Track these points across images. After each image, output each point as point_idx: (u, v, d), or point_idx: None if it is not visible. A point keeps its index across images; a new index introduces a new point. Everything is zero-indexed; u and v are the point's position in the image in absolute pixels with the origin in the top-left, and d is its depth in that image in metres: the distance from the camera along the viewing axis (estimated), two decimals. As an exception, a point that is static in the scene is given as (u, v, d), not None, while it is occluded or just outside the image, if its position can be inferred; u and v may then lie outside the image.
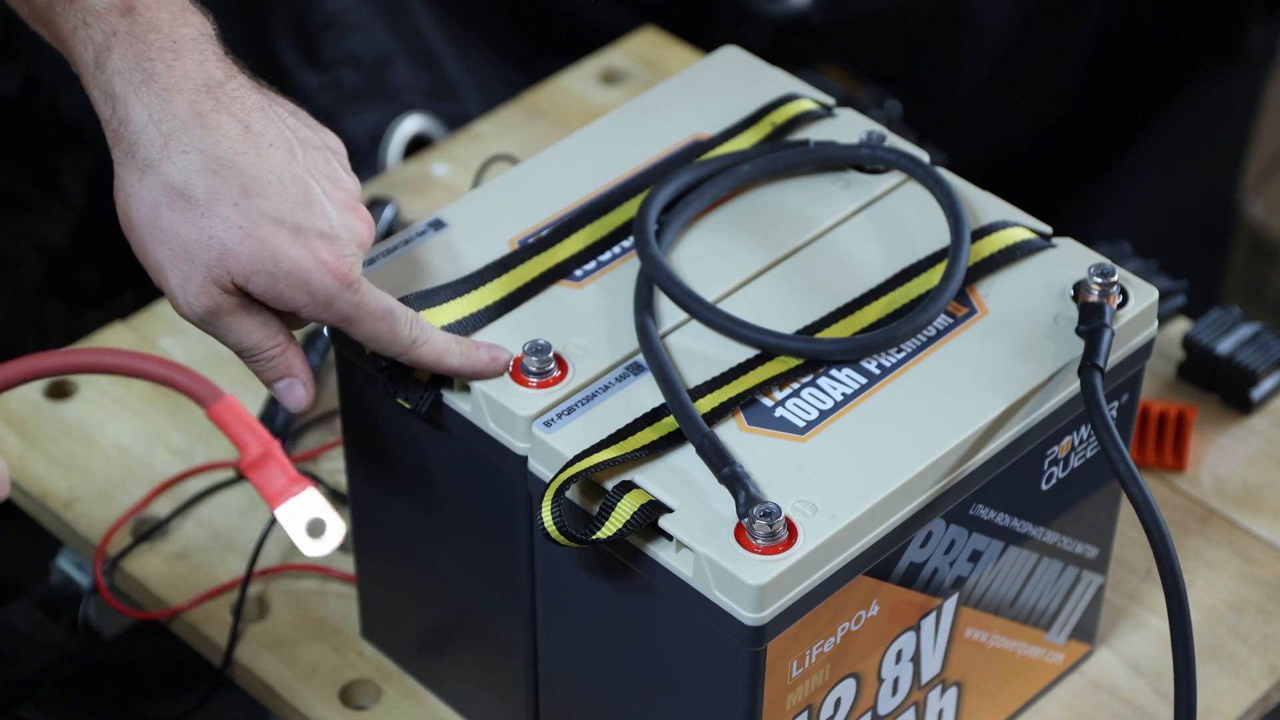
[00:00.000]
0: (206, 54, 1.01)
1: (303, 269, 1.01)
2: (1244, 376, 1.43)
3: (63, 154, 1.89)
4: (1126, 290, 1.14)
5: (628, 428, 1.06)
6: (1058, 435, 1.13)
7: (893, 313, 1.13)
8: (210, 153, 1.00)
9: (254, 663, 1.28)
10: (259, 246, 1.00)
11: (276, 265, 1.01)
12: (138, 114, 1.00)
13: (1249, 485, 1.39)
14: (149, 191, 1.00)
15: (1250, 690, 1.28)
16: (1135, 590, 1.33)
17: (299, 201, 1.01)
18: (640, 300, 1.12)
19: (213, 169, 1.00)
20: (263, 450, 1.00)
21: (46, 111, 1.86)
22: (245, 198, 1.00)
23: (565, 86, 1.68)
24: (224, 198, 1.00)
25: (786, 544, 1.01)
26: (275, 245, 1.00)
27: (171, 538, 1.35)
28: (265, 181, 1.00)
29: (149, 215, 1.00)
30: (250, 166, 1.00)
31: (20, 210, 1.88)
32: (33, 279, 1.88)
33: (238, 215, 1.00)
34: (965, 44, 2.15)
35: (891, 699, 1.14)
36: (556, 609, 1.13)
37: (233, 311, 1.03)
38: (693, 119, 1.24)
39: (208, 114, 1.00)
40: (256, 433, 1.01)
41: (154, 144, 1.00)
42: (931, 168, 1.19)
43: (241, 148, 1.00)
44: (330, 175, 1.04)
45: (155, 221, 1.00)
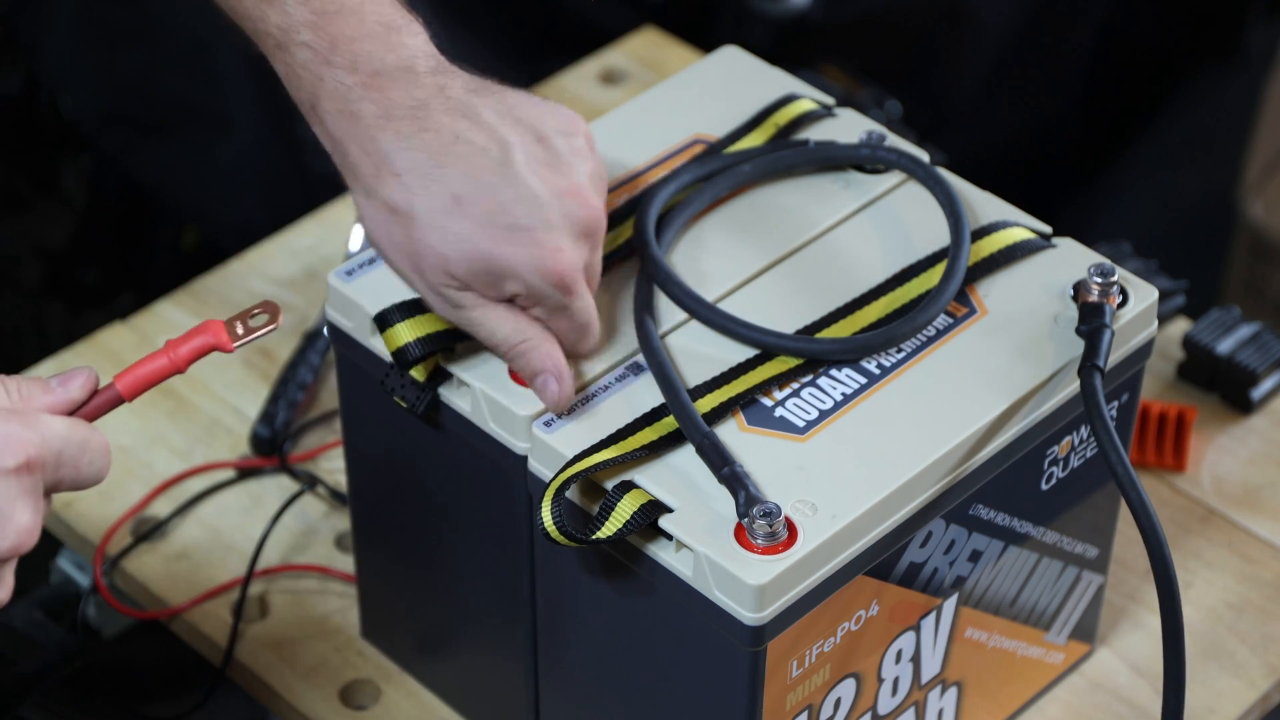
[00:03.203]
0: (410, 80, 1.06)
1: (515, 266, 1.04)
2: (1244, 376, 1.43)
3: (63, 154, 1.90)
4: (1126, 290, 1.14)
5: (628, 428, 1.06)
6: (1058, 435, 1.13)
7: (893, 313, 1.13)
8: (418, 169, 1.04)
9: (254, 663, 1.28)
10: (473, 250, 1.04)
11: (490, 265, 1.04)
12: (352, 150, 1.06)
13: (1249, 485, 1.39)
14: (375, 212, 1.06)
15: (1250, 690, 1.28)
16: (1135, 590, 1.33)
17: (509, 201, 1.04)
18: (640, 300, 1.12)
19: (424, 184, 1.04)
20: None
21: (46, 111, 1.86)
22: (456, 206, 1.04)
23: (565, 86, 1.68)
24: (436, 210, 1.04)
25: (786, 544, 1.01)
26: (487, 248, 1.04)
27: (171, 538, 1.35)
28: (474, 187, 1.04)
29: (382, 233, 1.06)
30: (458, 176, 1.04)
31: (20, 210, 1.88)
32: (33, 279, 1.88)
33: (451, 223, 1.04)
34: (965, 44, 2.15)
35: (891, 699, 1.14)
36: (556, 609, 1.13)
37: (475, 306, 1.06)
38: (693, 119, 1.24)
39: (412, 135, 1.05)
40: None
41: (369, 172, 1.05)
42: (931, 168, 1.19)
43: (449, 160, 1.04)
44: (548, 163, 1.06)
45: (389, 237, 1.06)
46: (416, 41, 1.07)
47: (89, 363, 1.45)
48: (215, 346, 1.00)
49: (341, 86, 1.05)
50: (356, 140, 1.05)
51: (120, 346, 1.47)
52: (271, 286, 1.51)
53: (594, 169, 1.08)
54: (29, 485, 0.92)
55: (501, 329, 1.07)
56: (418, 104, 1.05)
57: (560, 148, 1.07)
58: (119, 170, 1.88)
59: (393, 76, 1.06)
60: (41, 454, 0.92)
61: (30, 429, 0.92)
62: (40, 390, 0.95)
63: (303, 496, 1.37)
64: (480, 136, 1.05)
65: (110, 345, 1.47)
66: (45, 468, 0.92)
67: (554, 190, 1.05)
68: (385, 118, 1.05)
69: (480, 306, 1.06)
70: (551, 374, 1.07)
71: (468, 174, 1.04)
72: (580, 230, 1.06)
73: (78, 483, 0.94)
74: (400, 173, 1.05)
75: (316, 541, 1.35)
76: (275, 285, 1.51)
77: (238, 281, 1.52)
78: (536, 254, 1.04)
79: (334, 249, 1.53)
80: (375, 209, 1.06)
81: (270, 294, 1.50)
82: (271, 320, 1.01)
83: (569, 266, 1.05)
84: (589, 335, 1.09)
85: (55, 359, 1.46)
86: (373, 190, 1.06)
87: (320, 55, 1.06)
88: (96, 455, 0.95)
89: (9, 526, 0.91)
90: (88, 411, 0.97)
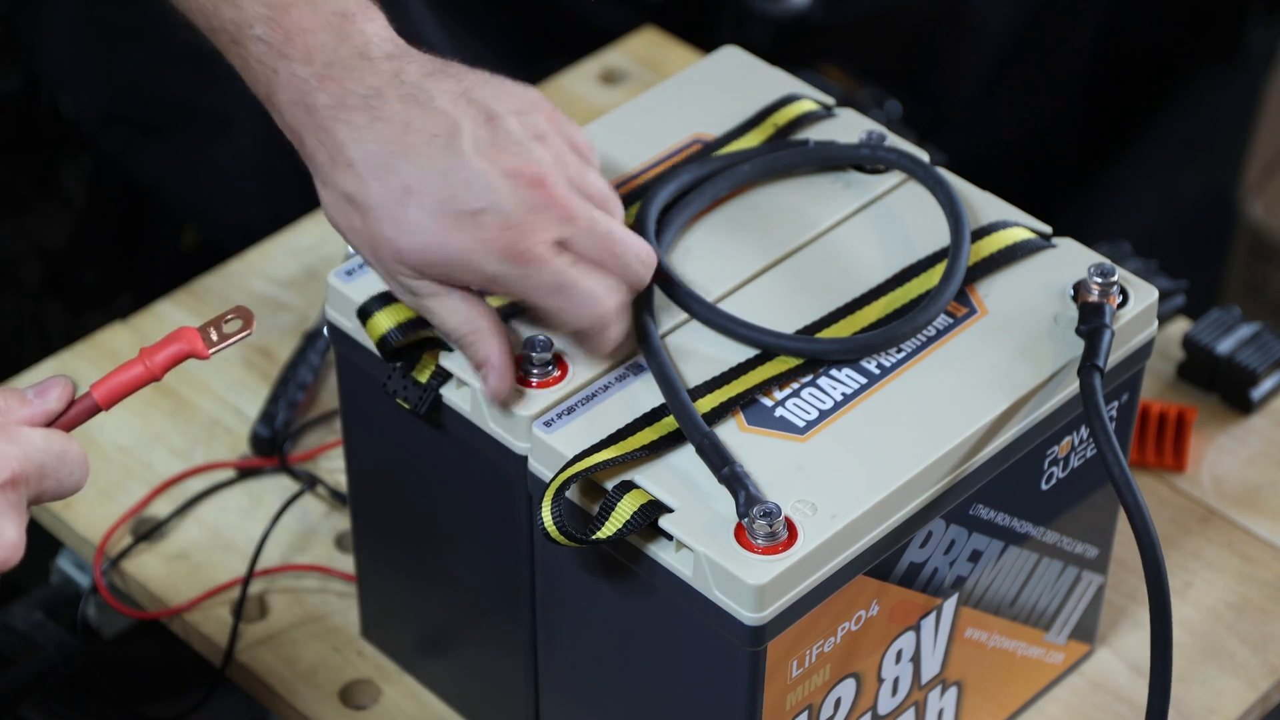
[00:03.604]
0: (364, 68, 1.06)
1: (466, 253, 1.04)
2: (1244, 376, 1.43)
3: (63, 154, 1.90)
4: (1126, 290, 1.14)
5: (628, 428, 1.06)
6: (1058, 435, 1.13)
7: (893, 313, 1.13)
8: (371, 160, 1.05)
9: (254, 663, 1.28)
10: (425, 240, 1.04)
11: (443, 254, 1.05)
12: (308, 139, 1.06)
13: (1249, 485, 1.39)
14: (333, 200, 1.07)
15: (1250, 690, 1.28)
16: (1135, 590, 1.33)
17: (457, 187, 1.04)
18: (640, 300, 1.12)
19: (376, 175, 1.05)
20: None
21: (46, 111, 1.86)
22: (408, 196, 1.04)
23: (565, 86, 1.68)
24: (389, 200, 1.04)
25: (786, 544, 1.01)
26: (440, 235, 1.04)
27: (171, 538, 1.35)
28: (423, 177, 1.04)
29: (341, 220, 1.07)
30: (408, 166, 1.04)
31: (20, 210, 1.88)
32: (33, 279, 1.88)
33: (404, 214, 1.04)
34: (965, 44, 2.15)
35: (891, 699, 1.14)
36: (556, 609, 1.13)
37: (430, 294, 1.07)
38: (693, 119, 1.24)
39: (365, 127, 1.05)
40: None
41: (325, 163, 1.06)
42: (931, 168, 1.19)
43: (400, 149, 1.05)
44: (497, 143, 1.06)
45: (345, 225, 1.07)
46: (372, 27, 1.07)
47: (89, 363, 1.45)
48: (190, 353, 1.00)
49: (295, 79, 1.06)
50: (312, 131, 1.06)
51: (120, 346, 1.47)
52: (271, 286, 1.51)
53: (556, 147, 1.07)
54: (14, 500, 0.91)
55: (453, 318, 1.07)
56: (372, 92, 1.05)
57: (511, 127, 1.06)
58: (119, 170, 1.88)
59: (347, 65, 1.06)
60: (24, 468, 0.92)
61: (13, 444, 0.92)
62: (17, 402, 0.95)
63: (303, 496, 1.37)
64: (431, 123, 1.05)
65: (110, 345, 1.47)
66: (29, 482, 0.92)
67: (501, 171, 1.04)
68: (339, 108, 1.05)
69: (435, 295, 1.07)
70: (492, 367, 1.07)
71: (418, 164, 1.04)
72: (530, 208, 1.05)
73: (58, 494, 0.94)
74: (354, 163, 1.05)
75: (316, 541, 1.35)
76: (275, 285, 1.51)
77: (238, 281, 1.52)
78: (485, 236, 1.04)
79: (334, 249, 1.53)
80: (334, 198, 1.06)
81: (270, 294, 1.50)
82: (245, 326, 1.01)
83: (517, 240, 1.04)
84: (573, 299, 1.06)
85: (55, 359, 1.46)
86: (329, 180, 1.06)
87: (274, 49, 1.06)
88: (76, 466, 0.95)
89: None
90: (65, 422, 0.96)
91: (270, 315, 1.49)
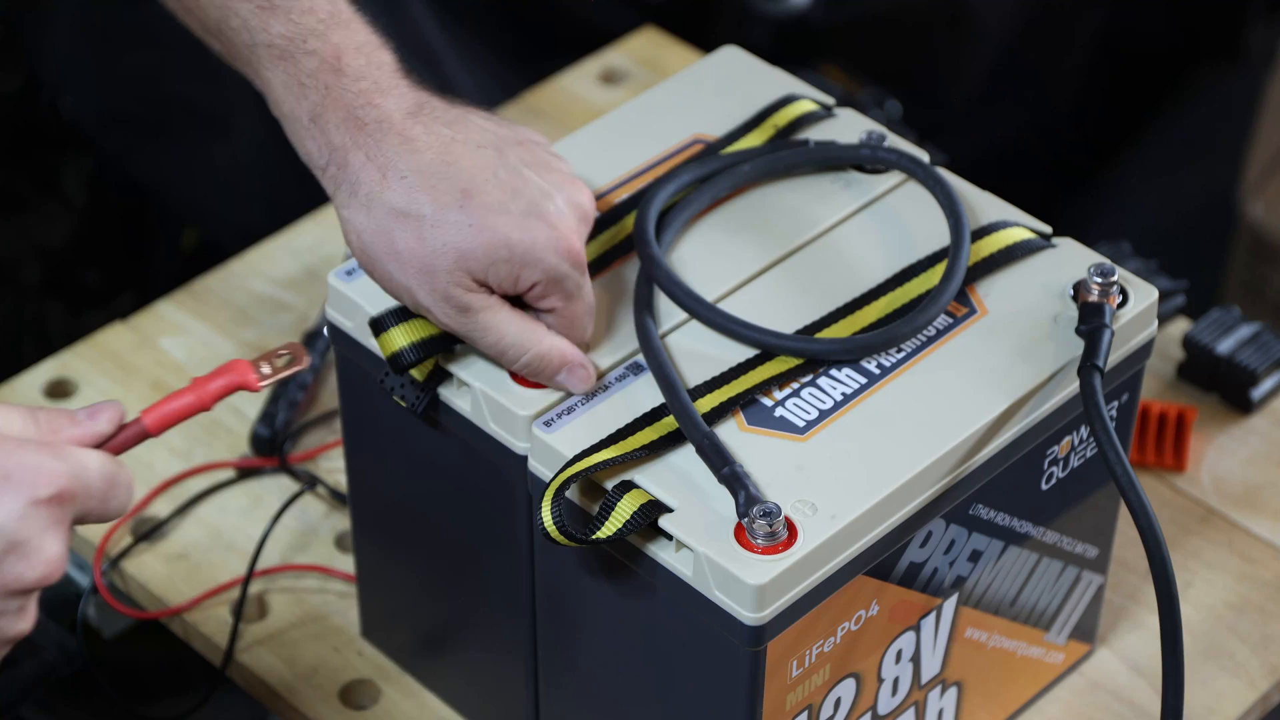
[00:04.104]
0: (401, 86, 1.08)
1: (535, 248, 1.06)
2: (1244, 376, 1.43)
3: (63, 154, 1.90)
4: (1126, 290, 1.14)
5: (628, 428, 1.06)
6: (1058, 435, 1.13)
7: (893, 313, 1.13)
8: (425, 170, 1.06)
9: (254, 663, 1.28)
10: (490, 237, 1.05)
11: (511, 250, 1.06)
12: (355, 157, 1.07)
13: (1249, 485, 1.39)
14: (378, 222, 1.06)
15: (1250, 690, 1.28)
16: (1135, 590, 1.33)
17: (517, 188, 1.06)
18: (640, 300, 1.12)
19: (431, 184, 1.06)
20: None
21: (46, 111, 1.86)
22: (467, 198, 1.05)
23: (565, 86, 1.68)
24: (448, 205, 1.05)
25: (786, 544, 1.01)
26: (505, 232, 1.05)
27: (171, 538, 1.35)
28: (482, 179, 1.06)
29: (385, 244, 1.06)
30: (464, 171, 1.06)
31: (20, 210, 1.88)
32: (33, 279, 1.88)
33: (464, 216, 1.05)
34: (965, 44, 2.15)
35: (891, 699, 1.14)
36: (556, 609, 1.13)
37: (485, 308, 1.07)
38: (693, 119, 1.24)
39: (415, 138, 1.06)
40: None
41: (373, 179, 1.06)
42: (931, 168, 1.19)
43: (452, 157, 1.06)
44: (540, 161, 1.09)
45: (391, 247, 1.06)
46: (392, 55, 1.10)
47: (89, 363, 1.45)
48: (241, 385, 1.01)
49: (348, 94, 1.07)
50: (362, 147, 1.07)
51: (120, 346, 1.47)
52: (271, 286, 1.51)
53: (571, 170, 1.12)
54: (59, 516, 0.92)
55: (510, 329, 1.07)
56: (415, 107, 1.08)
57: (540, 151, 1.11)
58: (119, 170, 1.88)
59: (389, 82, 1.08)
60: (71, 486, 0.92)
61: (62, 461, 0.92)
62: (68, 422, 0.96)
63: (303, 496, 1.37)
64: (474, 136, 1.08)
65: (110, 345, 1.47)
66: (75, 500, 0.93)
67: (552, 181, 1.08)
68: (387, 123, 1.07)
69: (490, 309, 1.07)
70: (575, 363, 1.08)
71: (472, 169, 1.06)
72: (581, 215, 1.09)
73: (103, 516, 0.95)
74: (406, 175, 1.06)
75: (316, 541, 1.35)
76: (275, 285, 1.51)
77: (238, 281, 1.52)
78: (553, 235, 1.06)
79: (334, 249, 1.53)
80: (376, 218, 1.06)
81: (270, 294, 1.50)
82: (296, 361, 1.02)
83: (578, 245, 1.08)
84: (592, 319, 1.10)
85: (55, 359, 1.46)
86: (376, 197, 1.06)
87: (327, 64, 1.07)
88: (123, 490, 0.95)
89: (39, 557, 0.91)
90: (114, 445, 0.97)
91: (270, 315, 1.49)
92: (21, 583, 0.91)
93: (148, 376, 1.45)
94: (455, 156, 1.06)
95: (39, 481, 0.91)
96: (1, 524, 0.90)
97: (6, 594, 0.92)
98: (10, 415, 0.94)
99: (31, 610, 0.94)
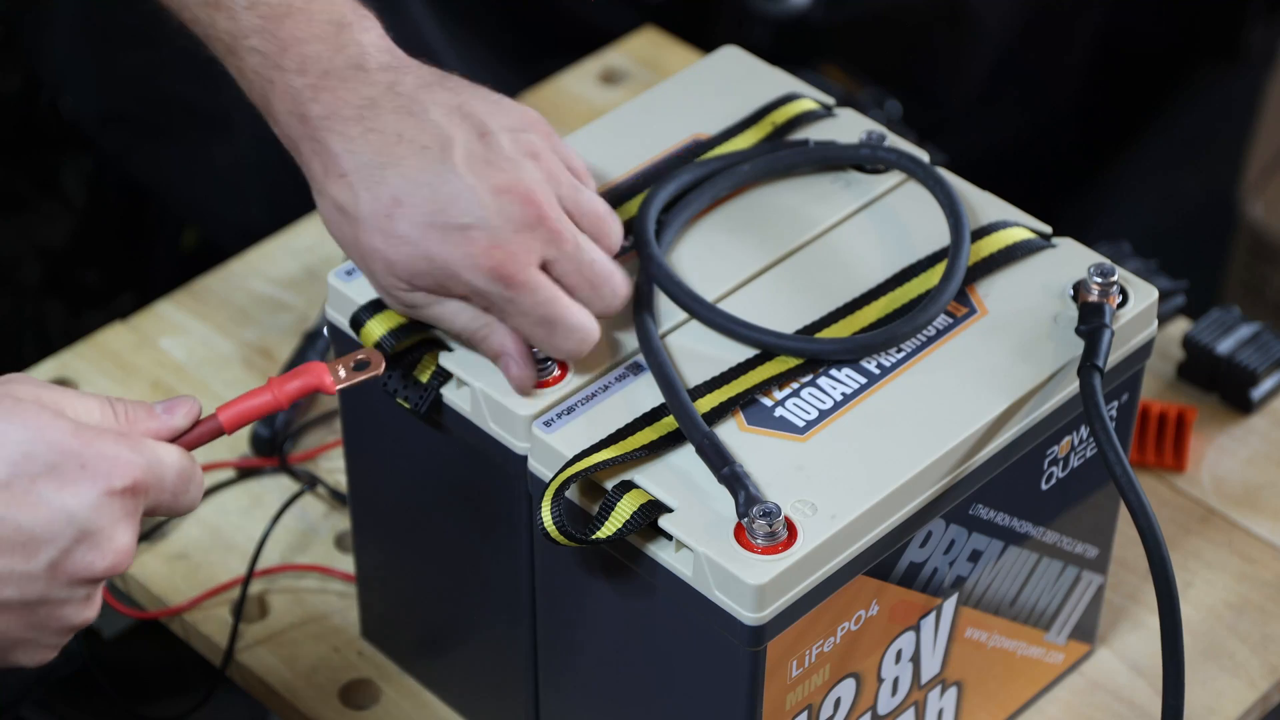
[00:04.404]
0: (359, 79, 1.07)
1: (453, 266, 1.05)
2: (1244, 376, 1.43)
3: (63, 154, 1.90)
4: (1126, 290, 1.14)
5: (628, 428, 1.06)
6: (1058, 435, 1.13)
7: (893, 313, 1.13)
8: (361, 173, 1.05)
9: (254, 663, 1.28)
10: (413, 250, 1.05)
11: (431, 264, 1.05)
12: (303, 149, 1.07)
13: (1249, 485, 1.39)
14: (327, 210, 1.07)
15: (1250, 690, 1.28)
16: (1135, 590, 1.33)
17: (445, 200, 1.05)
18: (640, 300, 1.12)
19: (365, 186, 1.05)
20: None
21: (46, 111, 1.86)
22: (396, 207, 1.05)
23: (565, 86, 1.68)
24: (378, 212, 1.05)
25: (786, 544, 1.01)
26: (426, 247, 1.04)
27: (171, 538, 1.35)
28: (413, 189, 1.05)
29: (335, 229, 1.08)
30: (398, 178, 1.05)
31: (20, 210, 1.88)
32: (33, 279, 1.88)
33: (392, 226, 1.05)
34: (965, 44, 2.15)
35: (891, 699, 1.14)
36: (556, 609, 1.13)
37: (429, 304, 1.07)
38: (693, 119, 1.24)
39: (357, 138, 1.05)
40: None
41: (318, 172, 1.07)
42: (931, 168, 1.19)
43: (392, 158, 1.05)
44: (488, 160, 1.06)
45: (337, 233, 1.08)
46: (368, 37, 1.08)
47: (89, 363, 1.45)
48: (318, 388, 1.02)
49: (291, 89, 1.06)
50: (306, 141, 1.07)
51: (120, 346, 1.47)
52: (271, 286, 1.51)
53: (549, 165, 1.08)
54: (131, 507, 0.93)
55: (458, 319, 1.07)
56: (366, 103, 1.06)
57: (503, 144, 1.07)
58: (119, 170, 1.88)
59: (342, 76, 1.06)
60: (146, 478, 0.93)
61: (138, 453, 0.93)
62: (145, 415, 0.97)
63: (303, 496, 1.37)
64: (423, 135, 1.06)
65: (110, 345, 1.47)
66: (148, 492, 0.94)
67: (490, 186, 1.05)
68: (333, 118, 1.06)
69: (433, 304, 1.07)
70: (511, 355, 1.07)
71: (408, 175, 1.05)
72: (519, 225, 1.05)
73: (173, 510, 0.96)
74: (346, 173, 1.05)
75: (316, 541, 1.35)
76: (275, 285, 1.51)
77: (238, 281, 1.52)
78: (470, 251, 1.04)
79: (334, 249, 1.53)
80: (328, 208, 1.07)
81: (270, 294, 1.50)
82: (374, 367, 1.03)
83: (505, 260, 1.04)
84: (558, 331, 1.06)
85: (55, 359, 1.46)
86: (323, 189, 1.07)
87: (270, 59, 1.07)
88: (194, 487, 0.96)
89: (109, 546, 0.92)
90: (187, 440, 0.98)
91: (270, 315, 1.49)
92: (91, 571, 0.92)
93: (148, 376, 1.45)
94: (396, 158, 1.05)
95: (115, 472, 0.92)
96: (75, 512, 0.91)
97: (75, 582, 0.92)
98: (89, 404, 0.95)
99: (97, 600, 0.95)
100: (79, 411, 0.94)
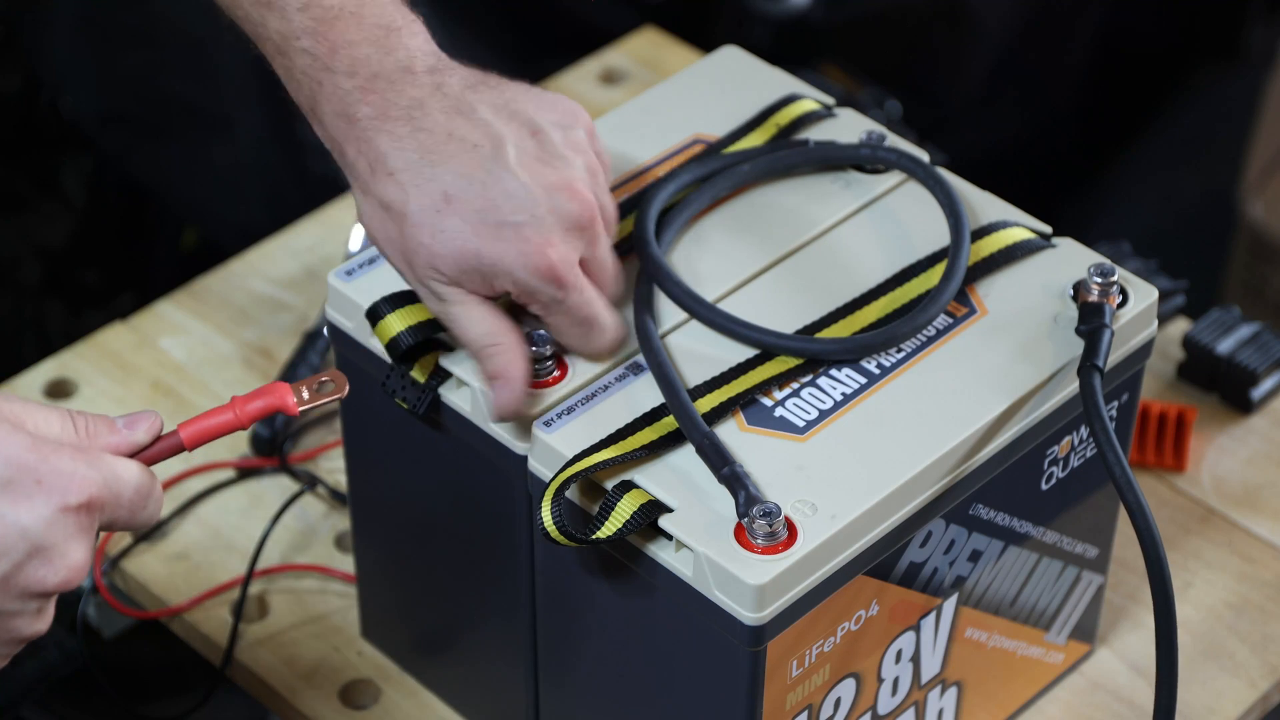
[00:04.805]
0: (407, 80, 1.07)
1: (504, 262, 1.05)
2: (1244, 376, 1.43)
3: (62, 154, 1.90)
4: (1126, 290, 1.14)
5: (628, 427, 1.06)
6: (1058, 435, 1.13)
7: (893, 313, 1.13)
8: (410, 171, 1.06)
9: (254, 663, 1.28)
10: (462, 245, 1.05)
11: (480, 261, 1.05)
12: (349, 150, 1.07)
13: (1249, 485, 1.39)
14: (371, 210, 1.08)
15: (1250, 690, 1.28)
16: (1135, 590, 1.33)
17: (498, 197, 1.05)
18: (640, 300, 1.12)
19: (415, 183, 1.05)
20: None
21: (46, 111, 1.86)
22: (446, 204, 1.05)
23: (565, 86, 1.68)
24: (427, 208, 1.05)
25: (786, 544, 1.01)
26: (476, 244, 1.05)
27: (171, 538, 1.35)
28: (464, 186, 1.05)
29: (378, 229, 1.08)
30: (449, 174, 1.05)
31: (20, 210, 1.88)
32: (33, 279, 1.88)
33: (440, 221, 1.05)
34: (965, 44, 2.15)
35: (891, 699, 1.14)
36: (556, 609, 1.13)
37: (457, 301, 1.07)
38: (693, 119, 1.24)
39: (406, 136, 1.06)
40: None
41: (364, 172, 1.07)
42: (931, 168, 1.19)
43: (441, 158, 1.06)
44: (540, 157, 1.07)
45: (380, 234, 1.08)
46: (415, 41, 1.08)
47: (89, 363, 1.45)
48: (280, 408, 1.01)
49: (340, 90, 1.06)
50: (353, 141, 1.07)
51: (120, 346, 1.47)
52: (271, 286, 1.51)
53: (591, 162, 1.09)
54: (86, 523, 0.92)
55: (476, 327, 1.07)
56: (414, 103, 1.06)
57: (555, 141, 1.08)
58: (119, 170, 1.88)
59: (390, 78, 1.07)
60: (102, 494, 0.93)
61: (95, 469, 0.93)
62: (106, 429, 0.96)
63: (303, 496, 1.37)
64: (474, 133, 1.06)
65: (110, 345, 1.47)
66: (104, 508, 0.93)
67: (544, 185, 1.06)
68: (381, 118, 1.06)
69: (462, 303, 1.07)
70: (508, 380, 1.07)
71: (459, 172, 1.05)
72: (571, 224, 1.06)
73: (130, 526, 0.95)
74: (394, 171, 1.06)
75: (316, 541, 1.35)
76: (275, 285, 1.51)
77: (238, 281, 1.52)
78: (524, 249, 1.05)
79: (334, 249, 1.53)
80: (371, 206, 1.07)
81: (270, 294, 1.50)
82: (338, 390, 1.02)
83: (558, 261, 1.06)
84: (594, 331, 1.08)
85: (55, 359, 1.46)
86: (368, 188, 1.07)
87: (320, 61, 1.07)
88: (153, 503, 0.96)
89: (62, 562, 0.92)
90: (148, 455, 0.98)
91: (270, 315, 1.49)
92: (43, 586, 0.92)
93: (148, 376, 1.45)
94: (446, 155, 1.05)
95: (70, 488, 0.92)
96: (28, 528, 0.91)
97: (26, 595, 0.92)
98: (50, 417, 0.95)
99: (49, 613, 0.94)
100: (39, 424, 0.94)
